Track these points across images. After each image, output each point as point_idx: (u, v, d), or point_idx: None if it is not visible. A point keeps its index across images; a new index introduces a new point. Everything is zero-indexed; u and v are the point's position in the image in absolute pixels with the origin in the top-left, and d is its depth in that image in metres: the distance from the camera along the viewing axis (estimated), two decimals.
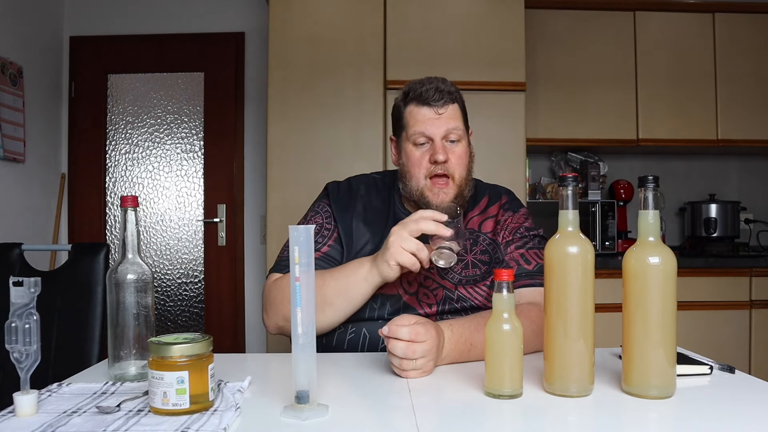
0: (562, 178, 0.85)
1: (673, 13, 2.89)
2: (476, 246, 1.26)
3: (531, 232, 1.28)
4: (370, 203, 1.31)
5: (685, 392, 0.86)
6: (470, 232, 1.28)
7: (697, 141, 2.89)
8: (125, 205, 0.94)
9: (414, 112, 1.22)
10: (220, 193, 3.13)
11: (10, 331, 0.77)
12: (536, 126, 2.81)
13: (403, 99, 1.25)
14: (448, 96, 1.21)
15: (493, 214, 1.30)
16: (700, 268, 2.58)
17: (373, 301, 1.18)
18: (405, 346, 0.91)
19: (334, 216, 1.29)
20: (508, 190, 1.38)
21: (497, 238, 1.27)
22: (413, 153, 1.22)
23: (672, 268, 0.82)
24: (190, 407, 0.75)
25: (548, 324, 0.85)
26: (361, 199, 1.32)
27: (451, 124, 1.21)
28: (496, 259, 1.25)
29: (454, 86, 1.26)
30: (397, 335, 0.91)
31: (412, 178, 1.23)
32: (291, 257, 0.77)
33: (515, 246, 1.25)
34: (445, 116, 1.21)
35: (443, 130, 1.20)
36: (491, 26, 2.50)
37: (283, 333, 1.18)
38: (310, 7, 2.49)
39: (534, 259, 1.23)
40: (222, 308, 3.10)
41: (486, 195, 1.34)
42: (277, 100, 2.45)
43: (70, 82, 3.14)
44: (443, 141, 1.21)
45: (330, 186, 1.36)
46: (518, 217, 1.30)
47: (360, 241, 1.26)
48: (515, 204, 1.34)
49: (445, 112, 1.21)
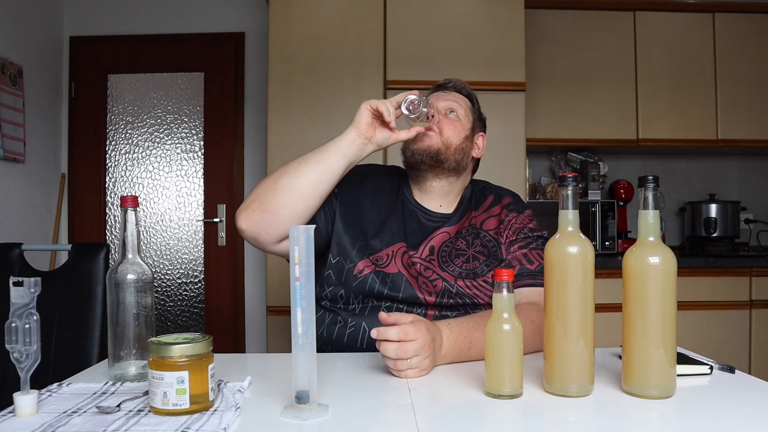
0: (562, 178, 0.85)
1: (673, 13, 2.89)
2: (477, 239, 1.27)
3: (535, 233, 1.28)
4: (380, 183, 1.35)
5: (685, 392, 0.86)
6: (473, 227, 1.29)
7: (697, 141, 2.89)
8: (125, 205, 0.94)
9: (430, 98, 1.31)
10: (220, 193, 3.13)
11: (10, 331, 0.77)
12: (536, 126, 2.81)
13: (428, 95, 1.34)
14: (458, 84, 1.35)
15: (496, 213, 1.32)
16: (700, 268, 2.58)
17: (375, 275, 1.19)
18: (396, 347, 0.91)
19: (338, 186, 1.27)
20: (513, 192, 1.39)
21: (499, 238, 1.28)
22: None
23: (672, 268, 0.82)
24: (190, 407, 0.75)
25: (548, 324, 0.85)
26: (371, 178, 1.35)
27: (453, 105, 1.29)
28: (494, 255, 1.26)
29: (472, 90, 1.37)
30: (386, 337, 0.91)
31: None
32: (291, 257, 0.77)
33: (518, 245, 1.25)
34: (450, 96, 1.31)
35: (445, 103, 1.29)
36: (491, 26, 2.50)
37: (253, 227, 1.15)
38: (310, 7, 2.49)
39: (537, 259, 1.23)
40: (222, 308, 3.10)
41: (491, 195, 1.36)
42: (277, 100, 2.45)
43: (70, 82, 3.14)
44: (445, 112, 1.29)
45: None
46: (523, 218, 1.31)
47: (365, 218, 1.27)
48: (520, 205, 1.35)
49: (451, 94, 1.32)
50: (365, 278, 1.20)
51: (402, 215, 1.29)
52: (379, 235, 1.25)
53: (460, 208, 1.33)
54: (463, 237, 1.27)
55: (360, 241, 1.24)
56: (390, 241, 1.24)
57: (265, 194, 1.16)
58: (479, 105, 1.38)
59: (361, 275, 1.20)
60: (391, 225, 1.27)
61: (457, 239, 1.27)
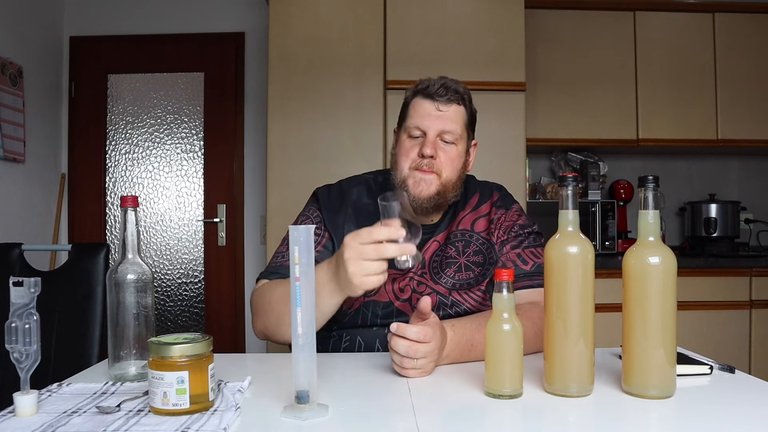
0: (562, 178, 0.85)
1: (673, 13, 2.89)
2: (469, 247, 1.24)
3: (525, 229, 1.26)
4: (361, 204, 1.28)
5: (685, 392, 0.85)
6: (462, 232, 1.25)
7: (697, 141, 2.89)
8: (125, 205, 0.94)
9: (417, 105, 1.21)
10: (220, 193, 3.13)
11: (10, 331, 0.77)
12: (536, 126, 2.81)
13: (412, 92, 1.23)
14: (454, 95, 1.19)
15: (485, 212, 1.28)
16: (700, 268, 2.58)
17: (364, 307, 1.18)
18: (408, 345, 0.90)
19: (324, 221, 1.26)
20: (499, 186, 1.35)
21: (491, 238, 1.25)
22: (405, 143, 1.21)
23: (672, 268, 0.82)
24: (190, 407, 0.75)
25: (548, 324, 0.85)
26: (352, 203, 1.28)
27: (448, 125, 1.18)
28: (490, 259, 1.23)
29: (467, 91, 1.23)
30: (405, 334, 0.90)
31: (398, 167, 1.21)
32: (291, 257, 0.77)
33: (511, 246, 1.23)
34: (445, 115, 1.18)
35: (439, 127, 1.18)
36: (491, 26, 2.50)
37: (268, 339, 1.16)
38: (310, 7, 2.49)
39: (531, 258, 1.22)
40: (222, 308, 3.10)
41: (477, 192, 1.31)
42: (277, 100, 2.45)
43: (70, 82, 3.14)
44: (437, 138, 1.18)
45: (320, 191, 1.33)
46: (511, 215, 1.27)
47: None
48: (507, 200, 1.31)
49: (447, 111, 1.18)
50: (356, 312, 1.19)
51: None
52: None
53: (447, 212, 1.28)
54: (452, 243, 1.24)
55: None
56: None
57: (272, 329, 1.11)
58: (471, 99, 1.24)
59: (351, 310, 1.18)
60: None
61: (446, 246, 1.24)
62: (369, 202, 1.28)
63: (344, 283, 0.95)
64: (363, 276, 0.92)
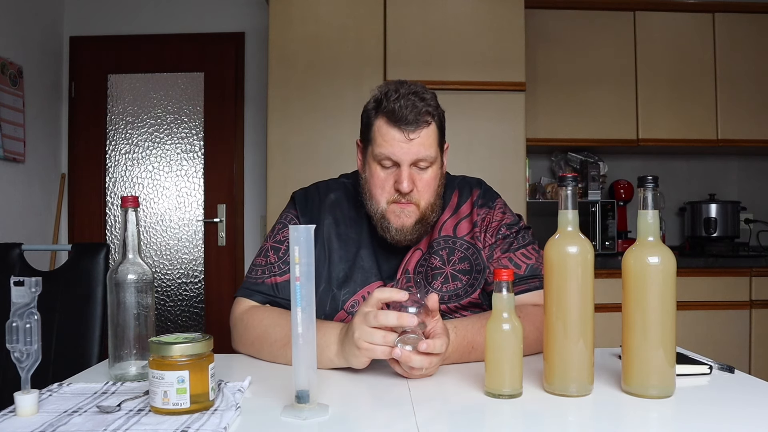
0: (562, 178, 0.85)
1: (673, 13, 2.89)
2: (454, 255, 1.18)
3: (513, 228, 1.20)
4: (342, 213, 1.22)
5: (684, 392, 0.86)
6: (445, 239, 1.19)
7: (697, 141, 2.89)
8: (126, 205, 0.94)
9: (383, 130, 1.09)
10: (220, 193, 3.13)
11: (10, 331, 0.77)
12: (536, 126, 2.81)
13: (375, 108, 1.11)
14: (424, 117, 1.07)
15: (467, 213, 1.21)
16: (700, 268, 2.58)
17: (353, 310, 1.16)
18: (422, 358, 0.89)
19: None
20: (478, 180, 1.28)
21: (476, 243, 1.19)
22: (377, 174, 1.12)
23: (671, 268, 0.82)
24: (190, 407, 0.75)
25: (548, 324, 0.85)
26: (331, 210, 1.23)
27: (422, 153, 1.08)
28: (477, 266, 1.17)
29: (434, 99, 1.11)
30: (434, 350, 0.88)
31: (372, 198, 1.14)
32: (291, 257, 0.77)
33: (501, 250, 1.18)
34: (416, 142, 1.07)
35: (412, 157, 1.08)
36: (491, 26, 2.50)
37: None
38: (310, 7, 2.49)
39: (523, 261, 1.17)
40: (222, 308, 3.10)
41: (455, 191, 1.24)
42: (277, 100, 2.45)
43: (70, 82, 3.14)
44: (411, 167, 1.09)
45: (297, 195, 1.27)
46: (496, 213, 1.21)
47: (334, 257, 1.19)
48: (488, 196, 1.23)
49: (417, 137, 1.07)
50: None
51: (371, 243, 1.19)
52: (352, 277, 1.17)
53: None
54: (436, 252, 1.18)
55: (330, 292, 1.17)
56: (364, 280, 1.17)
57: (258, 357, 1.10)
58: (437, 105, 1.13)
59: (347, 320, 1.14)
60: (362, 261, 1.18)
61: (430, 255, 1.18)
62: (350, 209, 1.23)
63: (349, 352, 0.93)
64: (366, 342, 0.89)
